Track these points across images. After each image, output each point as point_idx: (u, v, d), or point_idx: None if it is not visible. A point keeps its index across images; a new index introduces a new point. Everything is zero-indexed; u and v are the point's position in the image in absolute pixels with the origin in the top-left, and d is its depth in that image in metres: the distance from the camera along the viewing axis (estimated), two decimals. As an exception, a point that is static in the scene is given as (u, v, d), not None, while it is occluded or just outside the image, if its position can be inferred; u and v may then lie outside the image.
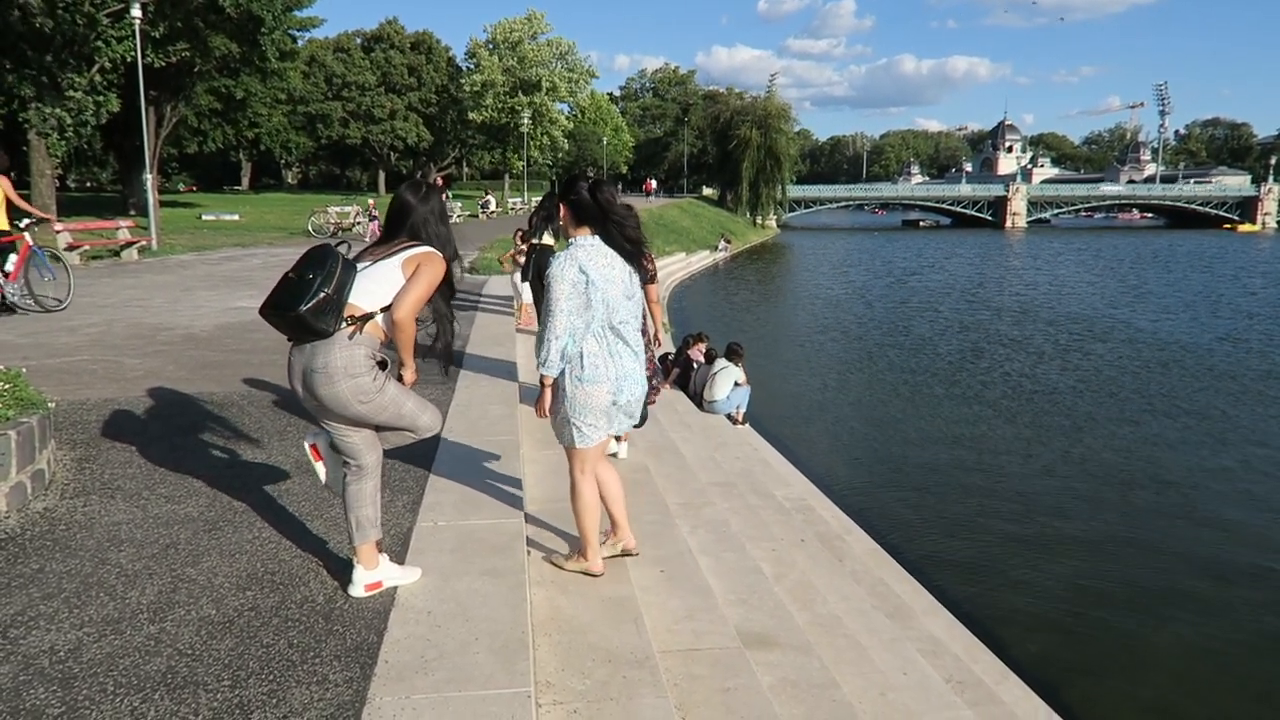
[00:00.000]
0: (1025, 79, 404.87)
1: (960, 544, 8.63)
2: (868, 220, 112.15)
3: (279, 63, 34.82)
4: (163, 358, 7.82)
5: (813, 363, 18.43)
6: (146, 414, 5.92)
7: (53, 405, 4.88)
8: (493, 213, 45.39)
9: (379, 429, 3.43)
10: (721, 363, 11.87)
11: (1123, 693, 6.14)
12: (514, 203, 55.44)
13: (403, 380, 3.45)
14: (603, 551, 4.11)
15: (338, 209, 28.99)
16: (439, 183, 31.10)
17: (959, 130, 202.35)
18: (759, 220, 71.82)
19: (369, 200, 25.63)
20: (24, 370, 4.98)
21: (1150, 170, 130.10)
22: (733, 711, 3.32)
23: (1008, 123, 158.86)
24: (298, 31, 36.61)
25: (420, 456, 5.07)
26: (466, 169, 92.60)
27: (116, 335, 8.98)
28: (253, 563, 3.68)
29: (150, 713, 2.63)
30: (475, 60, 66.94)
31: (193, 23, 26.35)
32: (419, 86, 75.40)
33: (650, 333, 5.93)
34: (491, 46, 66.41)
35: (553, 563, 4.12)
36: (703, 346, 12.82)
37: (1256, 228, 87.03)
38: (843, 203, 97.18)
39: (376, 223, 23.80)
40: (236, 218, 34.54)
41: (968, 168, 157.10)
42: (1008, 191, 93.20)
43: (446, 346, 3.51)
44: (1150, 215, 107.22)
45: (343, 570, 3.59)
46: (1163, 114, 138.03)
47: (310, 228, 26.78)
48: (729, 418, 11.48)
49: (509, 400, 6.61)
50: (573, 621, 3.52)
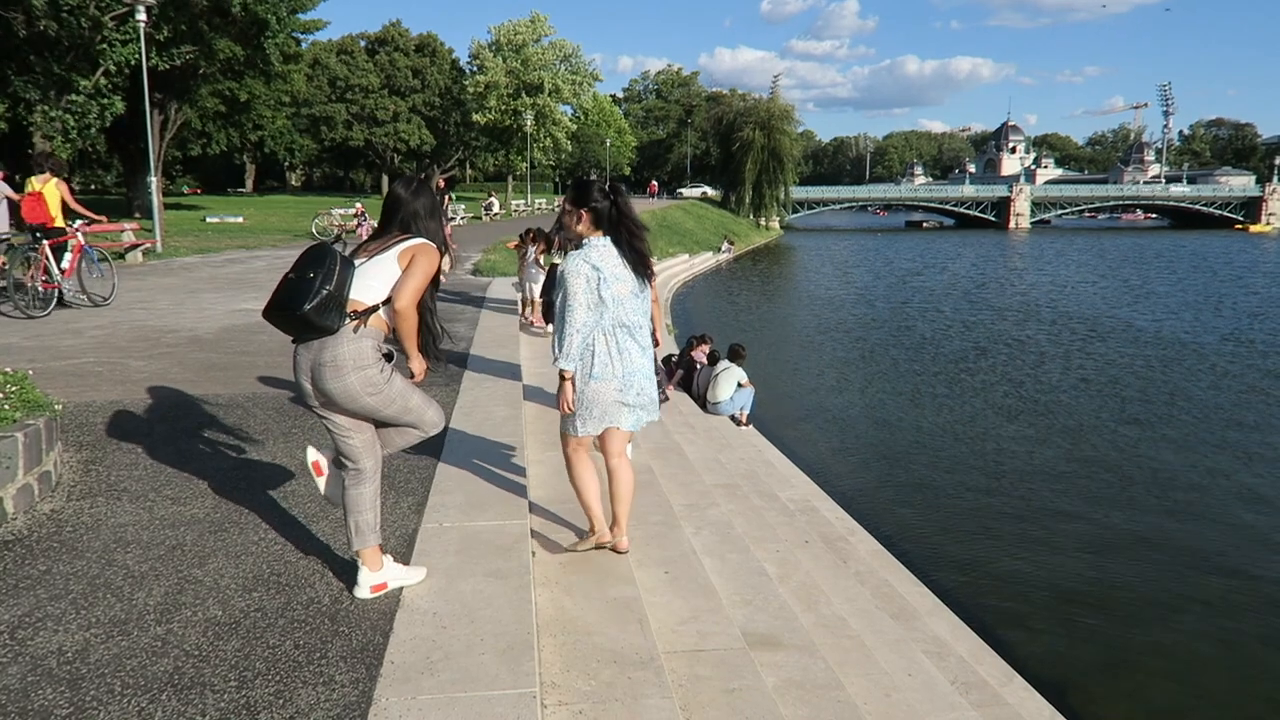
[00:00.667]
0: (1029, 79, 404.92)
1: (965, 545, 8.62)
2: (871, 221, 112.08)
3: (283, 65, 34.86)
4: (168, 360, 7.84)
5: (816, 364, 18.43)
6: (152, 416, 5.94)
7: (59, 407, 4.90)
8: (496, 214, 45.45)
9: (384, 425, 3.47)
10: (724, 364, 11.88)
11: (1129, 694, 6.13)
12: (517, 205, 55.51)
13: (412, 373, 3.49)
14: (578, 548, 4.23)
15: (341, 211, 29.04)
16: (440, 184, 31.19)
17: (962, 131, 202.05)
18: (762, 221, 71.79)
19: (356, 204, 25.38)
20: (30, 373, 5.01)
21: (1154, 171, 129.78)
22: (737, 712, 3.33)
23: (1011, 123, 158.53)
24: (302, 34, 36.64)
25: (425, 458, 5.08)
26: (470, 171, 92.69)
27: (122, 338, 9.00)
28: (259, 564, 3.69)
29: (158, 713, 2.64)
30: (479, 62, 67.03)
31: (197, 26, 26.39)
32: (422, 89, 75.54)
33: (651, 331, 5.98)
34: (495, 49, 66.51)
35: (571, 549, 4.23)
36: (706, 348, 12.83)
37: (1267, 228, 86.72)
38: (846, 204, 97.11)
39: (366, 225, 23.71)
40: (240, 220, 34.60)
41: (971, 168, 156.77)
42: (1011, 192, 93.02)
43: (434, 339, 3.57)
44: (1154, 216, 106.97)
45: (348, 571, 3.60)
46: (1167, 114, 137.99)
47: (314, 230, 26.83)
48: (733, 419, 11.48)
49: (513, 401, 6.62)
50: (577, 623, 3.52)
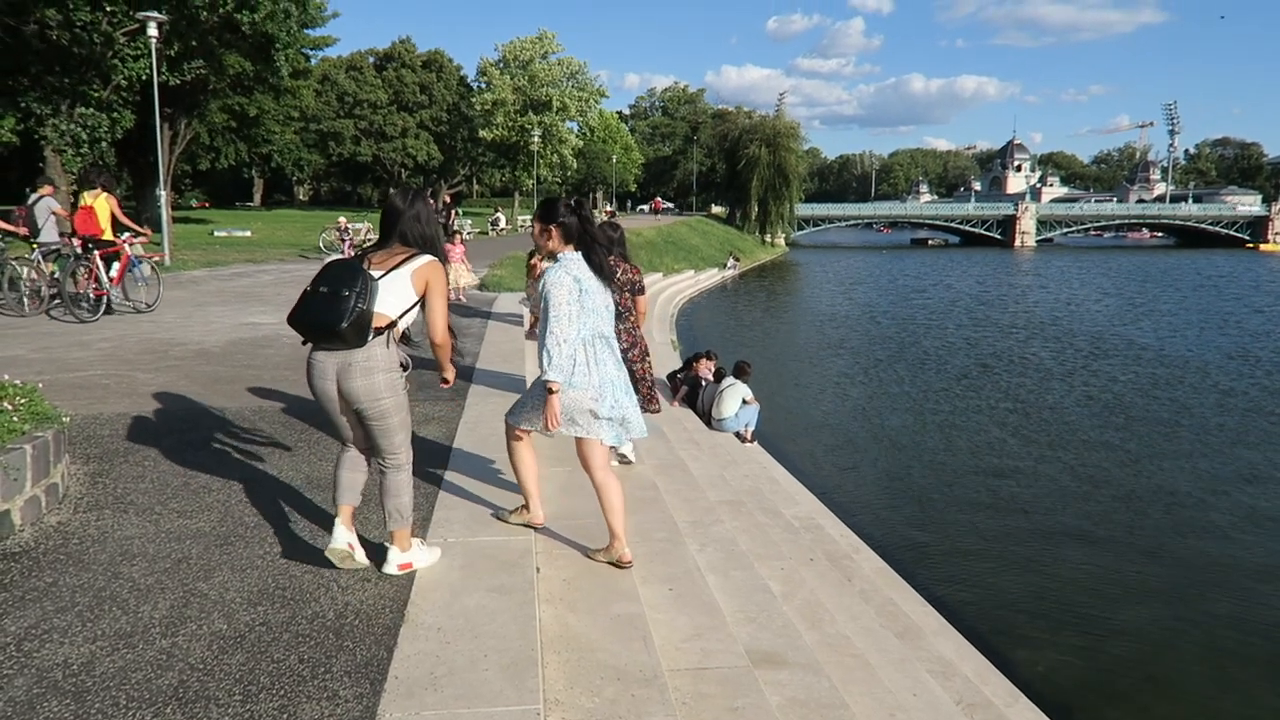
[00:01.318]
0: (1034, 98, 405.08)
1: (970, 564, 8.59)
2: (876, 239, 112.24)
3: (292, 81, 35.19)
4: (175, 373, 7.88)
5: (821, 381, 18.42)
6: (159, 429, 5.96)
7: (67, 420, 4.92)
8: (503, 230, 45.68)
9: (377, 433, 3.67)
10: (729, 380, 11.88)
11: (1135, 716, 6.09)
12: (524, 220, 55.70)
13: (446, 381, 4.00)
14: (597, 557, 4.28)
15: (352, 225, 29.19)
16: (447, 200, 31.35)
17: (968, 149, 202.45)
18: (767, 238, 71.92)
19: (340, 219, 24.99)
20: (39, 385, 5.03)
21: (1160, 189, 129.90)
22: (741, 731, 3.31)
23: (1016, 142, 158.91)
24: (311, 50, 37.04)
25: (430, 473, 5.09)
26: (477, 186, 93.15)
27: (129, 350, 9.04)
28: (264, 578, 3.70)
29: (162, 727, 2.65)
30: (486, 79, 67.42)
31: (208, 42, 26.61)
32: (430, 105, 76.04)
33: (641, 345, 6.04)
34: (502, 66, 66.90)
35: (499, 518, 4.45)
36: (711, 364, 12.83)
37: (1277, 248, 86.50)
38: (851, 221, 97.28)
39: (349, 243, 23.38)
40: (248, 234, 34.76)
41: (976, 186, 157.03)
42: (1016, 210, 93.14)
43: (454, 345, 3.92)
44: (1160, 234, 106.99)
45: (353, 586, 3.62)
46: (1172, 133, 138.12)
47: (321, 244, 26.94)
48: (737, 435, 11.47)
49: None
50: (581, 639, 3.52)
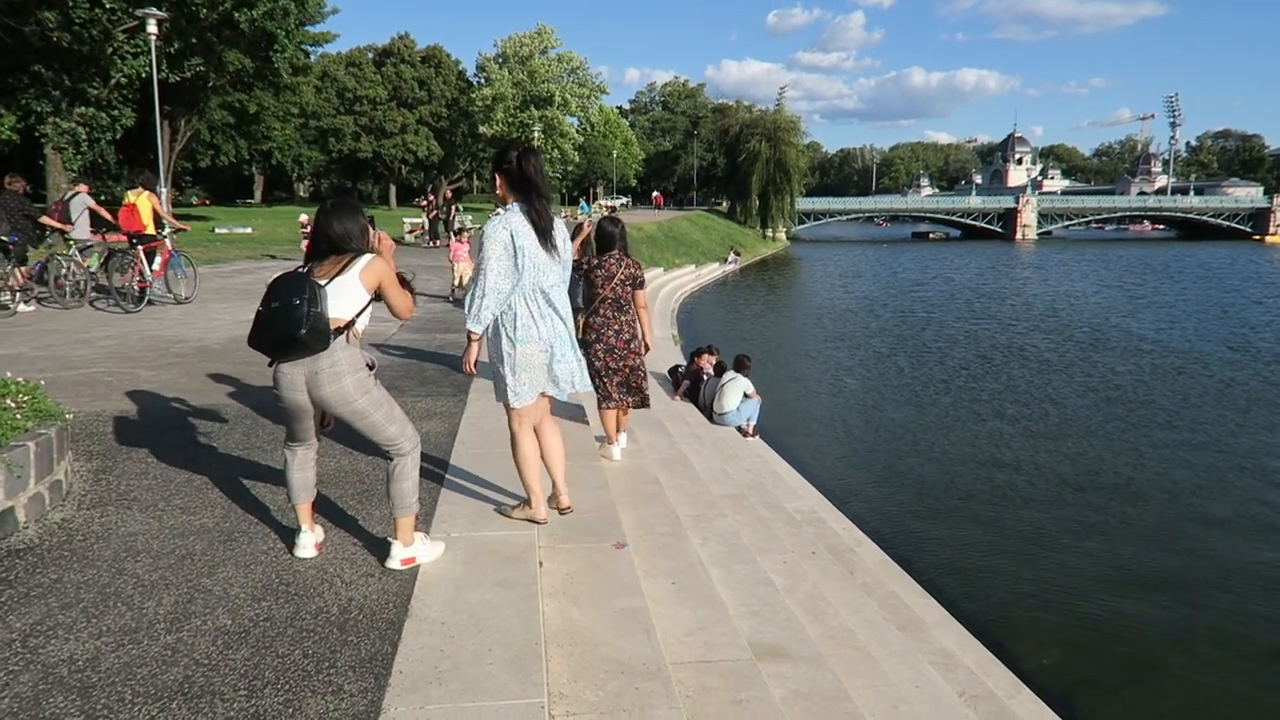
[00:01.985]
0: (1035, 91, 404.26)
1: (972, 556, 8.60)
2: (877, 232, 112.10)
3: (292, 78, 35.19)
4: (177, 370, 7.89)
5: (823, 374, 18.42)
6: (161, 426, 5.97)
7: (70, 417, 4.93)
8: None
9: (366, 432, 3.73)
10: (730, 375, 11.88)
11: (1138, 707, 6.10)
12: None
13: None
14: (524, 513, 4.37)
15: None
16: (448, 195, 31.33)
17: (969, 142, 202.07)
18: (769, 232, 71.88)
19: (303, 217, 24.58)
20: (42, 382, 5.04)
21: (1161, 182, 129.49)
22: (745, 723, 3.32)
23: (1017, 135, 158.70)
24: (310, 47, 37.04)
25: (432, 469, 5.10)
26: (477, 182, 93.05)
27: (131, 348, 9.05)
28: (267, 573, 3.71)
29: (167, 722, 2.66)
30: (485, 74, 67.47)
31: (207, 39, 26.61)
32: (429, 100, 75.92)
33: (641, 335, 6.07)
34: (502, 61, 66.94)
35: (502, 514, 4.41)
36: (712, 359, 12.84)
37: None
38: (852, 215, 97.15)
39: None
40: (249, 230, 34.74)
41: (977, 180, 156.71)
42: (1018, 203, 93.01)
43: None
44: (1162, 227, 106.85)
45: (357, 580, 3.63)
46: (1173, 125, 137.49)
47: (303, 245, 27.01)
48: (739, 430, 11.47)
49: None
50: (585, 633, 3.53)
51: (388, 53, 77.51)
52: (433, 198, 29.34)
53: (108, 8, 21.87)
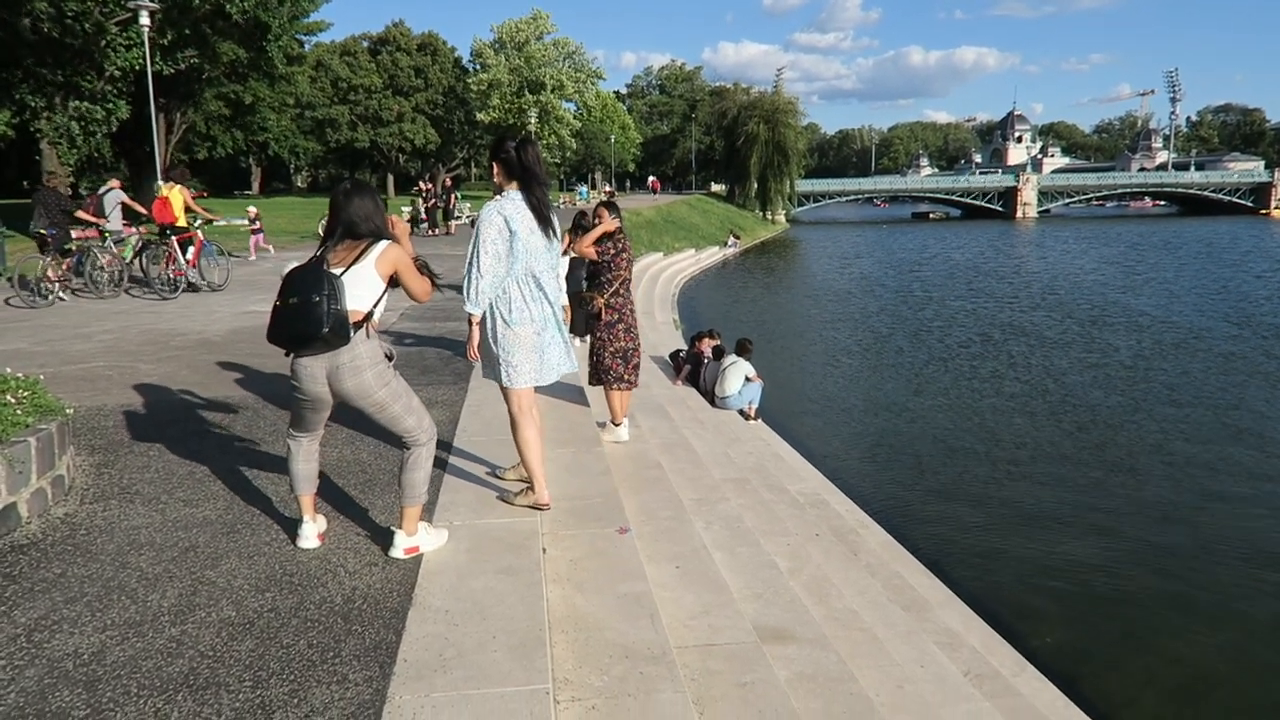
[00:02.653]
0: (1034, 68, 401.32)
1: (976, 536, 8.61)
2: (877, 213, 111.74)
3: (286, 68, 34.95)
4: (177, 363, 7.88)
5: (824, 356, 18.41)
6: (163, 419, 5.97)
7: (71, 411, 4.92)
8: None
9: (386, 423, 3.72)
10: (731, 358, 11.87)
11: (1142, 682, 6.12)
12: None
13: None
14: (528, 499, 4.39)
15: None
16: (447, 183, 31.21)
17: (968, 121, 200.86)
18: (768, 215, 71.64)
19: (250, 209, 23.85)
20: (41, 377, 5.04)
21: (1162, 158, 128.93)
22: (750, 706, 3.33)
23: (1017, 113, 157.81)
24: (304, 36, 36.78)
25: (435, 457, 5.09)
26: (475, 169, 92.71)
27: (131, 341, 9.04)
28: (271, 564, 3.71)
29: (174, 714, 2.66)
30: (481, 61, 67.02)
31: (200, 30, 26.42)
32: (426, 88, 75.52)
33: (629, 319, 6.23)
34: (497, 47, 66.48)
35: (507, 501, 4.42)
36: (713, 343, 12.82)
37: None
38: (852, 196, 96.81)
39: (260, 236, 22.18)
40: (247, 222, 34.63)
41: (977, 159, 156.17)
42: (1018, 182, 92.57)
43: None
44: (1163, 203, 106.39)
45: (361, 570, 3.63)
46: (1174, 101, 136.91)
47: (320, 230, 26.92)
48: (741, 413, 11.47)
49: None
50: (589, 618, 3.53)
51: (383, 41, 77.03)
52: (431, 186, 29.17)
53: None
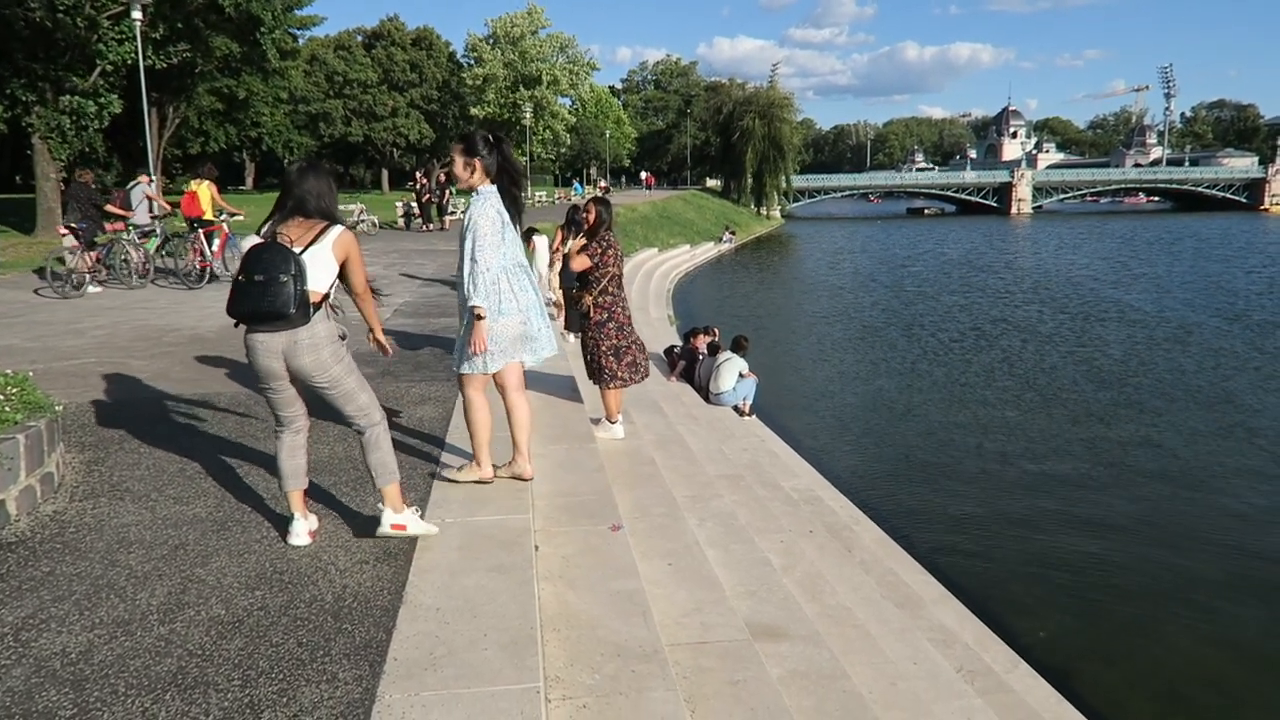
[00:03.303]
0: (1029, 64, 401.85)
1: (970, 533, 8.62)
2: (872, 209, 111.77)
3: (280, 62, 34.81)
4: (169, 359, 7.84)
5: (819, 353, 18.41)
6: (154, 415, 5.94)
7: (60, 408, 4.89)
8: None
9: (339, 401, 3.83)
10: (726, 355, 11.86)
11: (1134, 679, 6.13)
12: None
13: (381, 347, 4.13)
14: (499, 474, 4.56)
15: (341, 206, 29.04)
16: (441, 179, 31.03)
17: (963, 117, 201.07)
18: (763, 211, 71.60)
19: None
20: (31, 374, 5.00)
21: (1156, 154, 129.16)
22: (742, 703, 3.32)
23: (1012, 108, 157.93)
24: (298, 30, 36.69)
25: (426, 454, 5.08)
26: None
27: (123, 337, 9.00)
28: (261, 562, 3.69)
29: (161, 713, 2.64)
30: (476, 55, 66.87)
31: (193, 24, 26.26)
32: (420, 83, 75.23)
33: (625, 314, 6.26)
34: (492, 41, 66.31)
35: (448, 478, 4.51)
36: (708, 339, 12.81)
37: None
38: (847, 192, 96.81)
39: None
40: (241, 217, 34.49)
41: (972, 154, 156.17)
42: (1012, 177, 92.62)
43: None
44: (1157, 199, 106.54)
45: (351, 568, 3.61)
46: (1168, 96, 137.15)
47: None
48: (735, 409, 11.47)
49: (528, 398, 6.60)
50: (581, 616, 3.52)
51: (377, 35, 76.70)
52: (425, 181, 29.01)
53: (91, -8, 21.58)
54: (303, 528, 3.89)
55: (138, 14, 20.47)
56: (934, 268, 36.37)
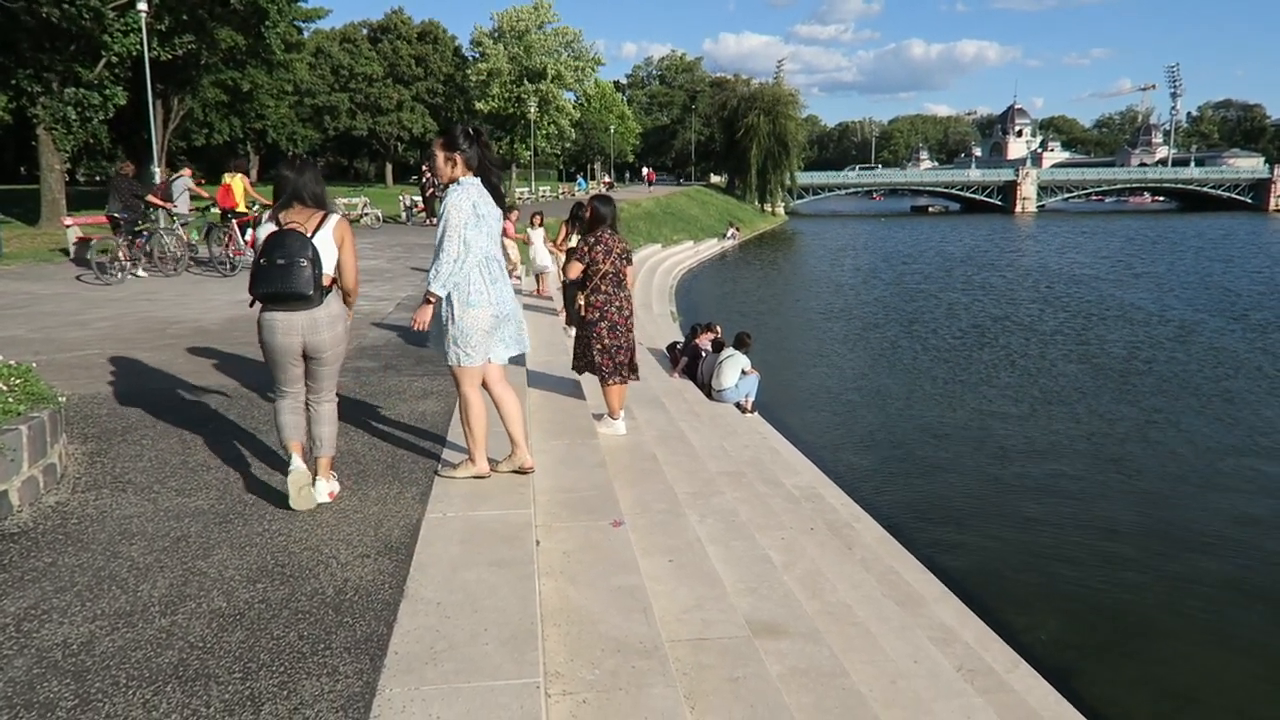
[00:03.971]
0: (1035, 62, 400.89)
1: (971, 532, 8.62)
2: (876, 206, 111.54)
3: (285, 54, 34.81)
4: (173, 351, 7.85)
5: (822, 350, 18.39)
6: (157, 407, 5.94)
7: (64, 399, 4.90)
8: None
9: (328, 375, 4.25)
10: (728, 351, 11.86)
11: (1135, 678, 6.13)
12: (521, 193, 55.32)
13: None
14: (500, 467, 4.59)
15: (345, 200, 28.98)
16: (426, 175, 30.99)
17: (968, 115, 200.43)
18: (767, 207, 71.49)
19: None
20: (35, 365, 5.01)
21: (1162, 153, 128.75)
22: (742, 700, 3.33)
23: (1017, 106, 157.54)
24: (303, 23, 36.64)
25: (428, 448, 5.08)
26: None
27: (127, 329, 9.01)
28: (263, 555, 3.70)
29: (162, 705, 2.65)
30: (481, 49, 66.72)
31: (198, 15, 26.27)
32: (425, 77, 75.20)
33: (632, 314, 6.26)
34: (497, 35, 66.17)
35: (446, 475, 4.55)
36: (710, 335, 12.81)
37: None
38: (851, 189, 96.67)
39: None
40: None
41: (977, 152, 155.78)
42: (1017, 176, 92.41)
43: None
44: (1162, 199, 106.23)
45: (353, 561, 3.62)
46: (1174, 96, 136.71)
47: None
48: (737, 406, 11.47)
49: (516, 389, 6.60)
50: (581, 611, 3.52)
51: (383, 29, 76.66)
52: (430, 175, 28.99)
53: (98, -17, 21.57)
54: (299, 465, 4.10)
55: (143, 5, 20.48)
56: (937, 266, 36.31)
